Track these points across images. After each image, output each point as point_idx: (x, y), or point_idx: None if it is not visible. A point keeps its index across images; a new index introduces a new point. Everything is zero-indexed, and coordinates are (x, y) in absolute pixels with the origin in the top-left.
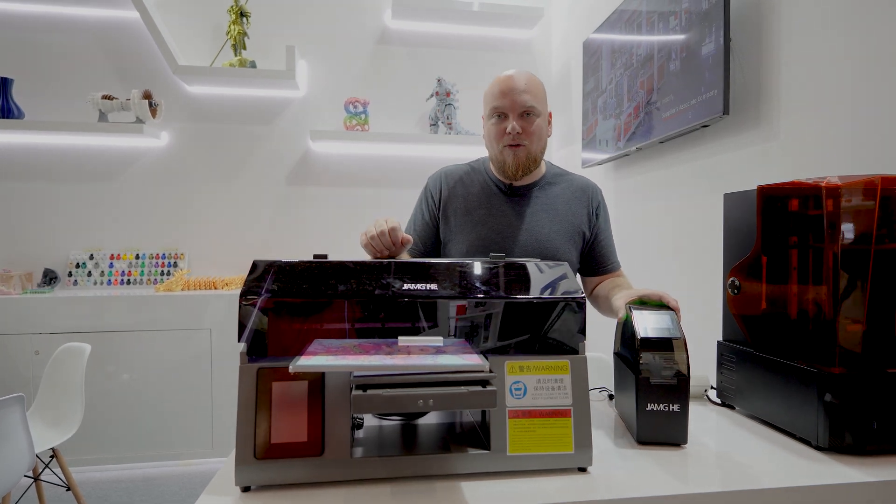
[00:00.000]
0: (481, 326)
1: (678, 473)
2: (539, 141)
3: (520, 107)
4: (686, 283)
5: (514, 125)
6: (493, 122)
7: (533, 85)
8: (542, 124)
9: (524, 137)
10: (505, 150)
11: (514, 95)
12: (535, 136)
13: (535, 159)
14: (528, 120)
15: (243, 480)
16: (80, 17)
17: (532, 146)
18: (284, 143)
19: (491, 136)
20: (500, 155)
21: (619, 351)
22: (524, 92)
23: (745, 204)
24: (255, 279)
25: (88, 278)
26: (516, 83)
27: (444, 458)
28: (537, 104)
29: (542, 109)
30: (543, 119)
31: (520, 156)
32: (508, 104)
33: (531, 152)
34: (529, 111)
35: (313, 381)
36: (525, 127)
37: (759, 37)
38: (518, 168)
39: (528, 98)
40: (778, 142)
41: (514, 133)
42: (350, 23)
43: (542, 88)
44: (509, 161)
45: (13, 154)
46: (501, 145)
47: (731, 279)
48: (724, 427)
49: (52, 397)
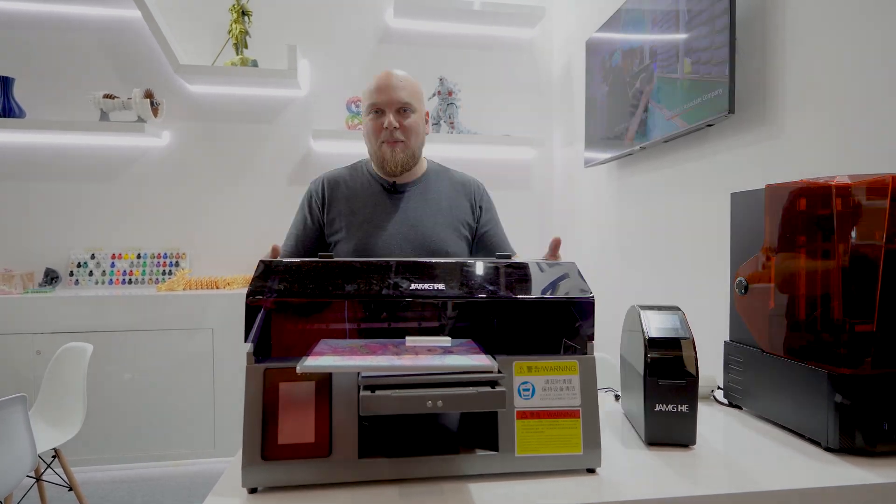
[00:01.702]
0: (489, 326)
1: (688, 475)
2: (417, 137)
3: (396, 103)
4: (691, 282)
5: (391, 120)
6: (371, 117)
7: (409, 83)
8: (418, 120)
9: (401, 132)
10: (384, 147)
11: (391, 92)
12: (412, 132)
13: (413, 155)
14: (404, 115)
15: (250, 482)
16: (81, 16)
17: (410, 142)
18: (286, 143)
19: (369, 132)
20: (378, 151)
21: (626, 351)
22: (401, 89)
23: (752, 203)
24: (261, 279)
25: (90, 278)
26: (392, 80)
27: (452, 459)
28: (413, 101)
29: (419, 107)
30: (420, 116)
31: (397, 154)
32: (385, 100)
33: (409, 147)
34: (406, 107)
35: (320, 381)
36: (402, 122)
37: (764, 35)
38: (398, 165)
39: (404, 94)
40: (783, 140)
41: (392, 128)
42: (352, 22)
43: (419, 88)
44: (388, 157)
45: (14, 153)
46: (380, 141)
47: (739, 279)
48: (732, 428)
49: (54, 397)
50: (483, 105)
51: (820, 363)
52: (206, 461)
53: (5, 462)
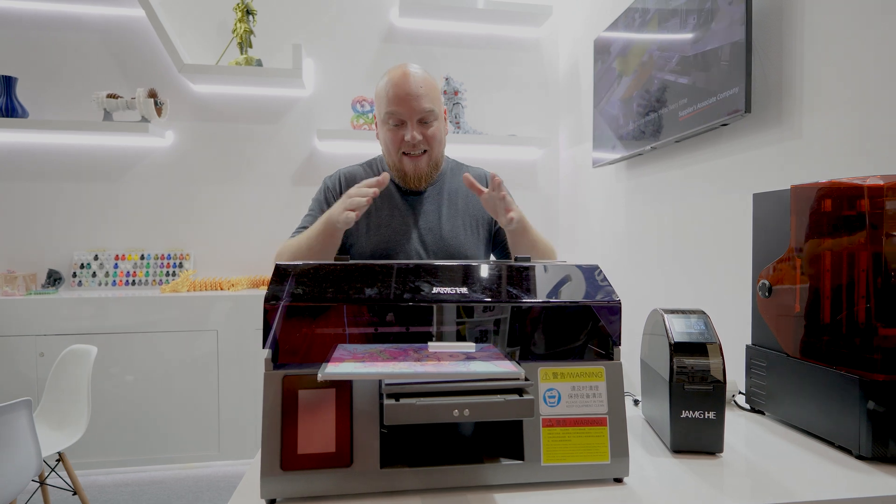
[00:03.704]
0: (512, 331)
1: (716, 483)
2: (440, 144)
3: (418, 113)
4: (705, 284)
5: (415, 134)
6: (389, 128)
7: (429, 86)
8: (440, 127)
9: (425, 143)
10: (404, 160)
11: (412, 102)
12: (435, 141)
13: (437, 164)
14: (426, 126)
15: (269, 493)
16: (84, 16)
17: (434, 151)
18: (291, 143)
19: (388, 143)
20: (398, 164)
21: (647, 355)
22: (421, 96)
23: (776, 204)
24: (279, 283)
25: (93, 279)
26: (412, 87)
27: (476, 469)
28: (435, 106)
29: (439, 110)
30: (441, 119)
31: (421, 166)
32: (406, 111)
33: (433, 158)
34: (427, 116)
35: (341, 388)
36: (424, 133)
37: (781, 31)
38: (421, 179)
39: (425, 102)
40: (802, 140)
41: (416, 142)
42: (357, 21)
43: (436, 86)
44: (410, 171)
45: (17, 153)
46: (400, 153)
47: (762, 281)
48: (757, 434)
49: (58, 400)
50: (489, 105)
51: (851, 368)
52: (210, 464)
53: (11, 467)
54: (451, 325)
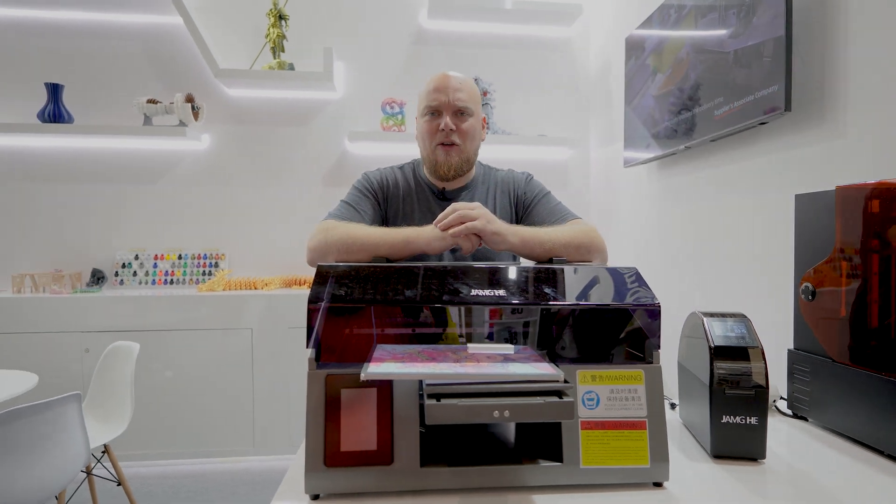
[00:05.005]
0: (549, 334)
1: (759, 490)
2: (473, 142)
3: (454, 105)
4: (742, 287)
5: (448, 121)
6: (427, 119)
7: (468, 86)
8: (475, 125)
9: (458, 135)
10: (438, 149)
11: (449, 93)
12: (468, 136)
13: (468, 160)
14: (461, 119)
15: (313, 488)
16: (126, 25)
17: (466, 146)
18: (322, 145)
19: (423, 134)
20: (432, 154)
21: (685, 358)
22: (459, 90)
23: (820, 205)
24: (321, 284)
25: (134, 278)
26: (451, 81)
27: (515, 469)
28: (471, 105)
29: (476, 111)
30: (477, 121)
31: (452, 157)
32: (443, 101)
33: (464, 152)
34: (463, 110)
35: (382, 388)
36: (459, 126)
37: (824, 26)
38: (451, 169)
39: (462, 96)
40: (846, 140)
41: (448, 130)
42: (386, 23)
43: (477, 91)
44: (441, 160)
45: (63, 157)
46: (434, 143)
47: (805, 284)
48: (800, 441)
49: (103, 394)
50: (518, 105)
51: None
52: (245, 459)
53: (63, 457)
54: (487, 326)
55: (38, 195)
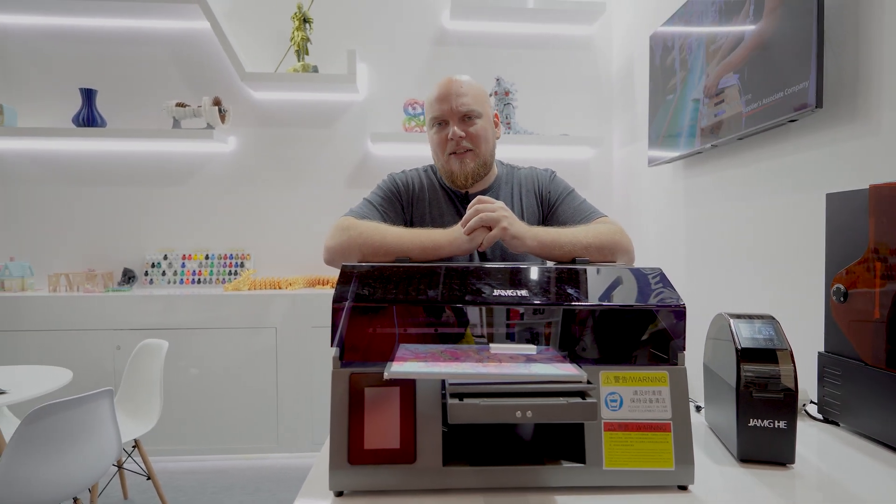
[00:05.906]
0: (571, 334)
1: (787, 495)
2: (486, 143)
3: (458, 111)
4: (772, 288)
5: (455, 130)
6: (435, 130)
7: (471, 87)
8: (485, 126)
9: (469, 141)
10: (451, 159)
11: (452, 100)
12: (480, 139)
13: (485, 163)
14: (469, 123)
15: (337, 485)
16: (156, 30)
17: (480, 149)
18: (345, 146)
19: (435, 146)
20: (446, 165)
21: (711, 360)
22: (462, 95)
23: (852, 204)
24: (345, 283)
25: (162, 277)
26: (452, 87)
27: (537, 470)
28: (477, 106)
29: (485, 111)
30: (487, 120)
31: (467, 164)
32: (447, 110)
33: (479, 156)
34: (470, 114)
35: (405, 387)
36: (467, 131)
37: (857, 21)
38: (468, 177)
39: (467, 101)
40: (879, 137)
41: (458, 138)
42: (408, 25)
43: (483, 90)
44: (456, 170)
45: (96, 160)
46: (447, 154)
47: (836, 285)
48: (831, 445)
49: (134, 390)
50: (540, 104)
51: None
52: (269, 456)
53: (95, 451)
54: (509, 327)
55: (72, 197)
